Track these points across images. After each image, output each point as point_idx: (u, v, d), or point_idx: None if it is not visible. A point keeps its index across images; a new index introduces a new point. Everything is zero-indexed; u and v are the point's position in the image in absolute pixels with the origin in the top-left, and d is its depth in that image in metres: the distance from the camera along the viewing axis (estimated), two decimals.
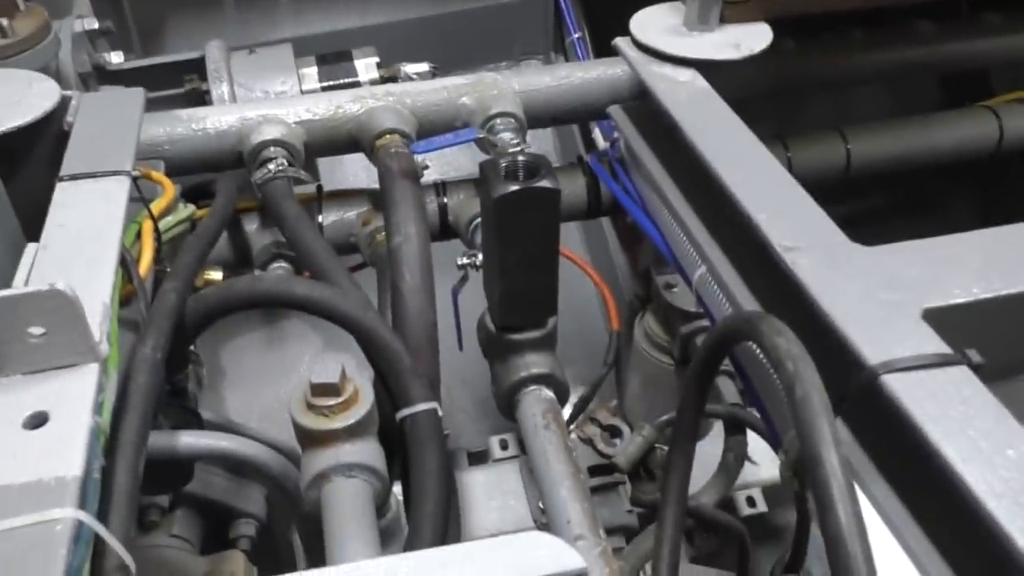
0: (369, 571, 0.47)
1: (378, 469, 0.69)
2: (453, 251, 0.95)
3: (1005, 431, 0.53)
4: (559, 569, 0.48)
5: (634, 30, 0.99)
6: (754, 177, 0.75)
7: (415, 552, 0.48)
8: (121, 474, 0.54)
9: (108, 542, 0.49)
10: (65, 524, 0.47)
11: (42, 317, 0.55)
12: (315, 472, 0.67)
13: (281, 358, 1.52)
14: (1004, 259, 0.65)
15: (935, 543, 0.56)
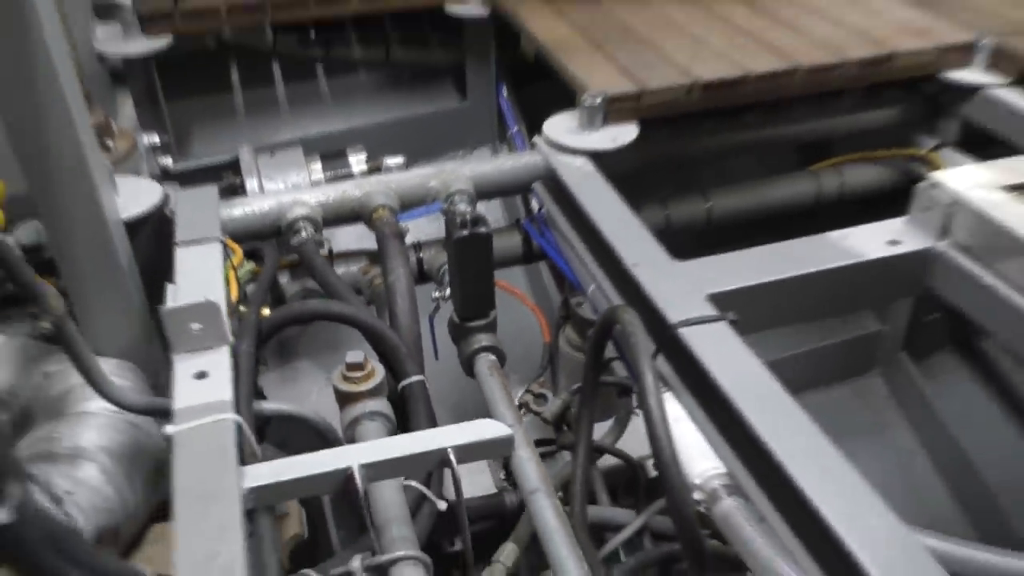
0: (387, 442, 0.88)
1: (389, 416, 1.09)
2: (427, 292, 1.38)
3: (746, 357, 0.96)
4: (496, 434, 0.90)
5: (546, 131, 1.44)
6: (619, 226, 1.19)
7: (410, 434, 0.89)
8: (243, 401, 0.95)
9: (246, 433, 0.90)
10: (229, 421, 0.88)
11: (199, 318, 0.96)
12: (351, 418, 1.07)
13: (295, 393, 1.91)
14: (759, 265, 1.09)
15: (719, 430, 0.97)
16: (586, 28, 1.71)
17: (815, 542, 0.81)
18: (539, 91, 2.01)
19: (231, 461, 0.84)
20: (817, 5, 1.78)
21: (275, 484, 0.84)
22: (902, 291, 1.27)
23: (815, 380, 1.94)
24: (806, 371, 1.94)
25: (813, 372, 1.94)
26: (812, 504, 0.80)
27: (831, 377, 1.98)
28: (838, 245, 1.14)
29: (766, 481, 0.89)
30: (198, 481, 0.82)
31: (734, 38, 1.64)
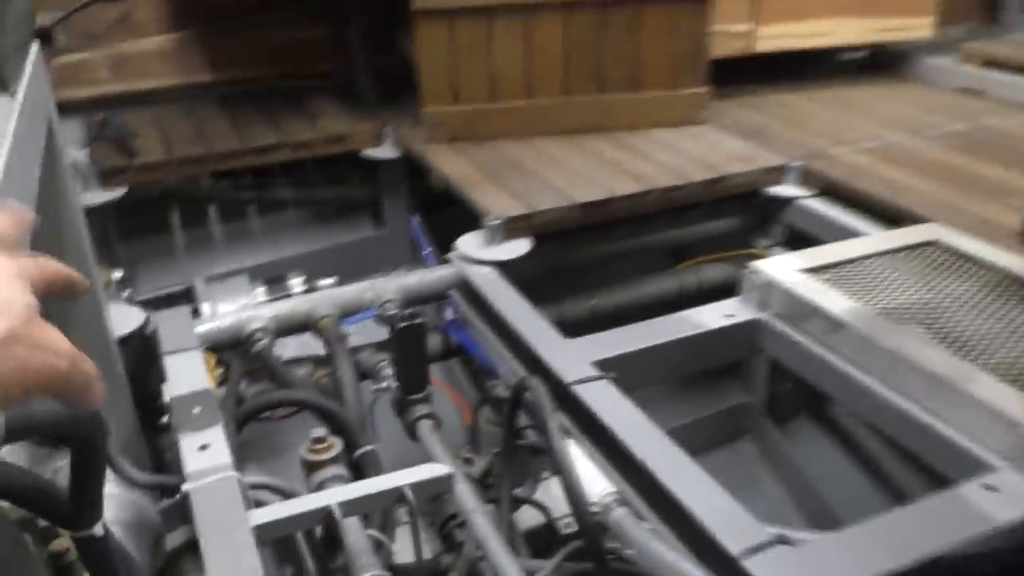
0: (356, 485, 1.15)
1: (349, 478, 1.35)
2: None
3: (625, 404, 1.27)
4: (440, 473, 1.17)
5: (459, 246, 1.78)
6: (522, 317, 1.52)
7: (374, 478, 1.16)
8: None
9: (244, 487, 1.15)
10: (233, 478, 1.13)
11: (199, 403, 1.21)
12: (317, 482, 1.32)
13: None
14: (631, 338, 1.43)
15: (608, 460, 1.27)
16: (484, 164, 2.08)
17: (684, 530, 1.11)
18: (445, 217, 2.37)
19: (239, 505, 1.09)
20: (666, 140, 2.22)
21: (274, 521, 1.09)
22: (741, 352, 1.62)
23: (697, 448, 2.25)
24: (688, 440, 2.24)
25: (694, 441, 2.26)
26: (679, 501, 1.10)
27: (709, 444, 2.31)
28: (689, 320, 1.49)
29: (645, 492, 1.19)
30: (216, 521, 1.06)
31: (602, 168, 2.04)
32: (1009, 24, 3.11)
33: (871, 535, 1.05)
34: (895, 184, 1.93)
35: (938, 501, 1.09)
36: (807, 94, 2.67)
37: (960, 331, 1.33)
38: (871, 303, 1.41)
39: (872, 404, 1.31)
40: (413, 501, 1.15)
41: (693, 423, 2.27)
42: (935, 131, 2.29)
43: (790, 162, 2.06)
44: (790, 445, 2.29)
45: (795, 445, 2.29)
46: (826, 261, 1.54)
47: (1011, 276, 1.48)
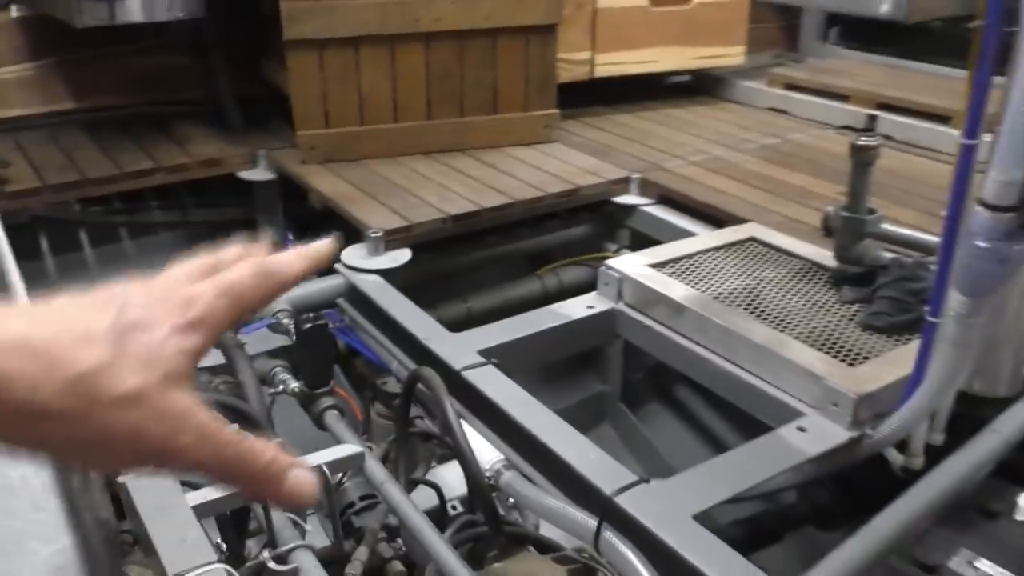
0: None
1: None
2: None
3: (507, 383, 1.48)
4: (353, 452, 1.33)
5: (344, 257, 1.93)
6: (410, 317, 1.70)
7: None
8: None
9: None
10: None
11: None
12: None
13: None
14: (509, 329, 1.64)
15: (497, 433, 1.47)
16: (358, 183, 2.25)
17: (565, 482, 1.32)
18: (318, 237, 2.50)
19: (177, 489, 1.21)
20: (523, 158, 2.46)
21: (209, 501, 1.22)
22: (601, 338, 1.86)
23: None
24: None
25: None
26: (560, 457, 1.31)
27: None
28: (557, 312, 1.72)
29: (530, 456, 1.40)
30: (157, 505, 1.18)
31: (468, 183, 2.25)
32: (806, 51, 3.58)
33: (715, 470, 1.30)
34: (719, 191, 2.25)
35: (764, 441, 1.35)
36: (641, 114, 2.99)
37: (775, 309, 1.63)
38: (705, 290, 1.69)
39: (710, 372, 1.58)
40: (330, 477, 1.31)
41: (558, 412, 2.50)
42: (750, 145, 2.65)
43: (632, 174, 2.34)
44: (644, 427, 2.57)
45: (648, 426, 2.58)
46: (667, 257, 1.81)
47: (814, 263, 1.80)
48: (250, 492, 0.47)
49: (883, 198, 2.02)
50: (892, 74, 3.09)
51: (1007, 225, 1.12)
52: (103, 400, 0.41)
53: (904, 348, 1.48)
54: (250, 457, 0.47)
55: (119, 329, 0.44)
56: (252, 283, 0.49)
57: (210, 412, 0.46)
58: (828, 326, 1.56)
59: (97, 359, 0.42)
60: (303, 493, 0.47)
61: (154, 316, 0.45)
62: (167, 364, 0.44)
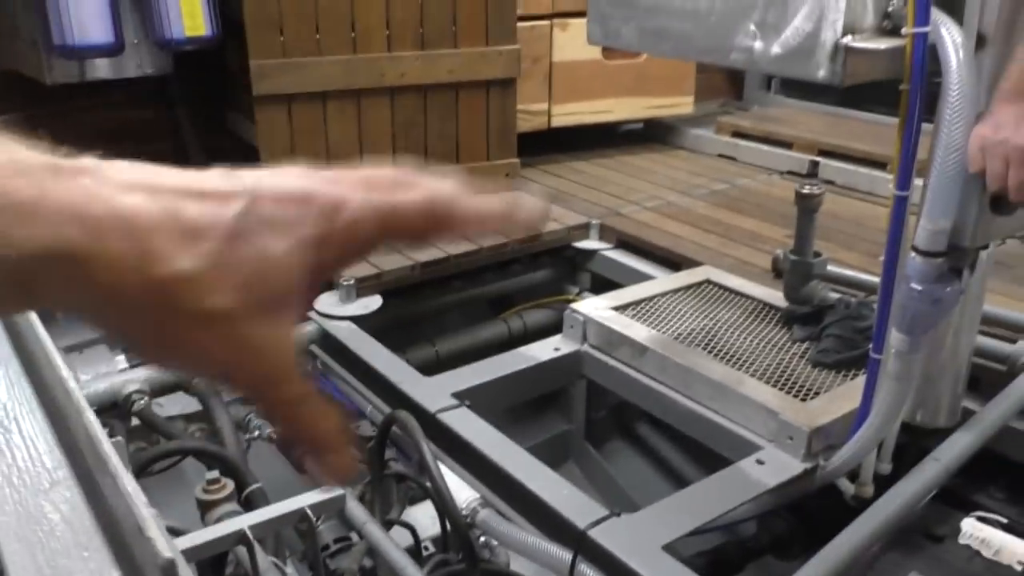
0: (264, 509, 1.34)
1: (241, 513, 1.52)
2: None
3: (480, 424, 1.54)
4: (334, 494, 1.38)
5: (316, 306, 1.99)
6: (384, 362, 1.76)
7: (280, 503, 1.36)
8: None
9: None
10: None
11: None
12: (215, 519, 1.49)
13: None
14: (480, 372, 1.71)
15: (471, 472, 1.53)
16: None
17: (539, 518, 1.39)
18: None
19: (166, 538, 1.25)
20: None
21: (196, 545, 1.26)
22: (570, 379, 1.94)
23: None
24: None
25: None
26: (534, 493, 1.38)
27: None
28: (525, 355, 1.80)
29: (504, 494, 1.46)
30: None
31: None
32: (751, 100, 3.75)
33: (680, 502, 1.38)
34: (674, 235, 2.36)
35: (725, 474, 1.44)
36: (597, 161, 3.11)
37: (731, 348, 1.72)
38: (665, 331, 1.78)
39: (671, 409, 1.66)
40: (313, 520, 1.35)
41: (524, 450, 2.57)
42: (701, 191, 2.78)
43: (591, 220, 2.45)
44: (607, 464, 2.65)
45: (611, 463, 2.65)
46: (628, 300, 1.90)
47: (765, 304, 1.91)
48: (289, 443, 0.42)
49: (828, 240, 2.14)
50: (832, 122, 3.27)
51: (938, 269, 1.23)
52: (184, 309, 0.36)
53: (851, 383, 1.58)
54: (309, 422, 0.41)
55: (236, 229, 0.36)
56: (418, 221, 0.40)
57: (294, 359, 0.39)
58: (781, 363, 1.66)
59: (193, 264, 0.36)
60: (337, 476, 0.42)
61: (284, 219, 0.37)
62: (273, 285, 0.37)
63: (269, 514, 1.33)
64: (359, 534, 1.48)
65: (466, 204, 0.40)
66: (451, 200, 0.40)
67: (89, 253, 0.34)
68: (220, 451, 1.58)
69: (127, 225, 0.35)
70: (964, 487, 1.58)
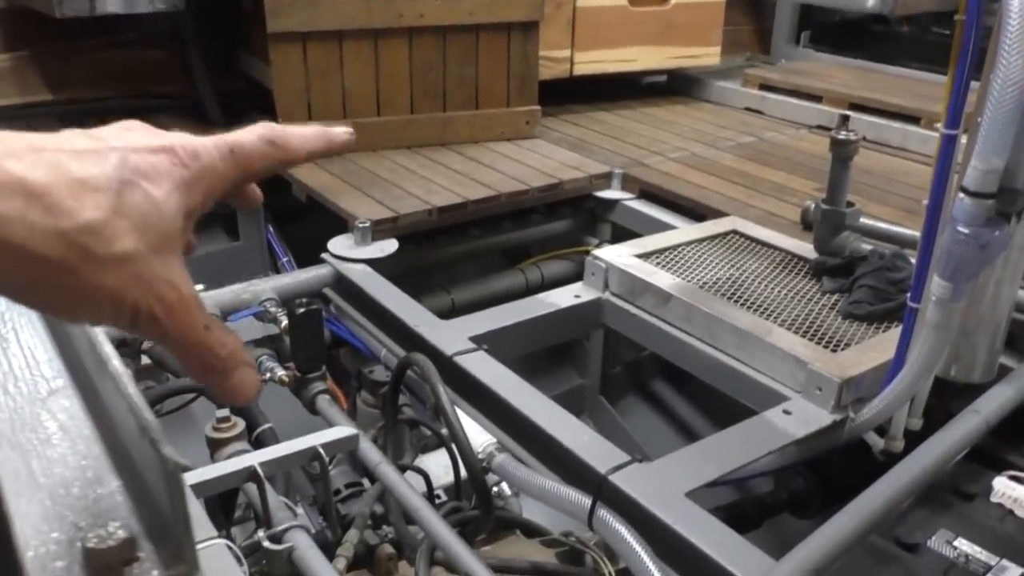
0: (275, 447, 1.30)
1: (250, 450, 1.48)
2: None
3: (498, 367, 1.50)
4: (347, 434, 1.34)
5: (331, 248, 1.94)
6: (400, 304, 1.71)
7: (290, 441, 1.32)
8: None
9: None
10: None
11: None
12: (224, 457, 1.45)
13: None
14: (500, 317, 1.66)
15: (488, 417, 1.49)
16: (343, 176, 2.26)
17: (558, 463, 1.34)
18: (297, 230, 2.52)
19: None
20: (505, 153, 2.48)
21: (205, 480, 1.22)
22: (590, 327, 1.89)
23: None
24: None
25: None
26: (554, 438, 1.34)
27: None
28: (545, 301, 1.75)
29: (522, 438, 1.42)
30: None
31: (452, 177, 2.27)
32: (778, 54, 3.65)
33: (705, 450, 1.33)
34: (699, 186, 2.29)
35: (751, 423, 1.39)
36: (619, 112, 3.03)
37: (758, 298, 1.67)
38: (690, 279, 1.72)
39: (695, 358, 1.61)
40: (325, 459, 1.32)
41: None
42: (727, 143, 2.70)
43: (614, 169, 2.38)
44: (622, 419, 2.61)
45: (626, 419, 2.61)
46: (651, 248, 1.85)
47: (794, 255, 1.85)
48: (200, 377, 0.47)
49: (859, 195, 2.07)
50: (862, 76, 3.17)
51: (987, 212, 1.16)
52: (94, 256, 0.40)
53: (884, 335, 1.53)
54: (216, 344, 0.46)
55: (121, 179, 0.41)
56: (259, 146, 0.48)
57: (193, 288, 0.45)
58: (810, 315, 1.60)
59: (93, 212, 0.40)
60: (247, 391, 0.47)
61: (157, 167, 0.43)
62: (164, 225, 0.43)
63: (280, 451, 1.29)
64: (371, 477, 1.45)
65: (292, 128, 0.50)
66: (280, 127, 0.49)
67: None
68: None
69: (23, 187, 0.38)
70: (996, 446, 1.53)
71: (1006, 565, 1.24)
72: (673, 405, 2.54)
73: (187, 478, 1.20)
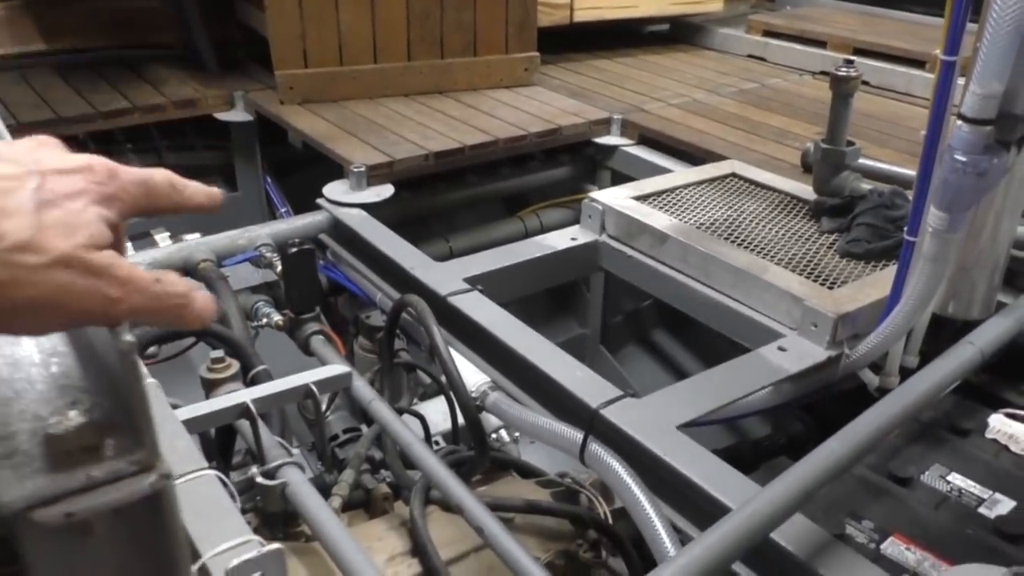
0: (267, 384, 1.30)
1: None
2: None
3: (492, 307, 1.49)
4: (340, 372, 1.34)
5: (326, 193, 1.93)
6: (395, 247, 1.70)
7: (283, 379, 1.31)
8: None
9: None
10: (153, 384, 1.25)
11: None
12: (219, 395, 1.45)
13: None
14: (495, 258, 1.64)
15: (482, 356, 1.49)
16: (338, 122, 2.23)
17: (551, 399, 1.34)
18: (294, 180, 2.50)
19: (165, 404, 1.21)
20: (503, 100, 2.46)
21: (198, 416, 1.22)
22: (586, 270, 1.88)
23: None
24: None
25: None
26: (548, 375, 1.33)
27: None
28: (542, 243, 1.74)
29: (516, 376, 1.42)
30: None
31: (449, 123, 2.25)
32: (783, 1, 3.58)
33: (698, 385, 1.33)
34: (699, 131, 2.26)
35: (746, 358, 1.38)
36: (620, 60, 2.99)
37: (755, 238, 1.65)
38: (687, 221, 1.71)
39: (692, 299, 1.60)
40: (318, 396, 1.32)
41: None
42: (729, 89, 2.67)
43: (613, 115, 2.35)
44: (622, 368, 2.61)
45: (626, 368, 2.61)
46: (649, 191, 1.83)
47: (793, 197, 1.83)
48: (171, 320, 0.50)
49: (860, 138, 2.04)
50: (867, 20, 3.11)
51: (986, 139, 1.14)
52: (29, 268, 0.43)
53: (881, 273, 1.51)
54: (172, 290, 0.49)
55: (41, 201, 0.44)
56: (164, 187, 0.53)
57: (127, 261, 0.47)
58: (807, 254, 1.59)
59: (18, 232, 0.43)
60: (206, 313, 0.51)
61: (74, 185, 0.46)
62: (89, 228, 0.45)
63: (272, 388, 1.29)
64: (365, 416, 1.45)
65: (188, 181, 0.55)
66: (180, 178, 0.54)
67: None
68: (225, 332, 1.54)
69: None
70: (993, 384, 1.52)
71: (999, 498, 1.24)
72: (673, 354, 2.54)
73: (178, 414, 1.21)
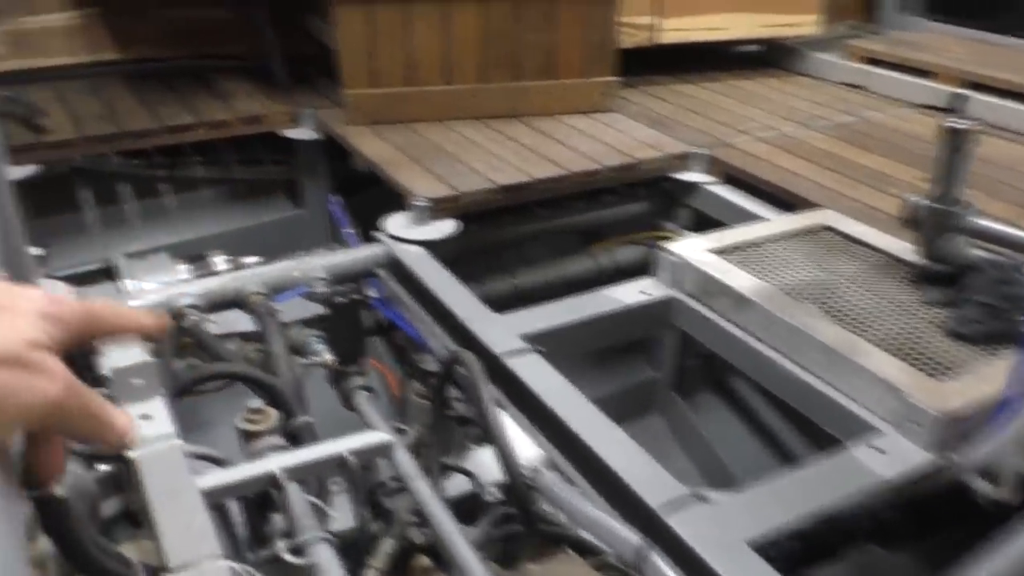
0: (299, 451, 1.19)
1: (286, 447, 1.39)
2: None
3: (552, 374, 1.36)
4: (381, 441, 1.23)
5: (386, 227, 1.82)
6: (452, 293, 1.59)
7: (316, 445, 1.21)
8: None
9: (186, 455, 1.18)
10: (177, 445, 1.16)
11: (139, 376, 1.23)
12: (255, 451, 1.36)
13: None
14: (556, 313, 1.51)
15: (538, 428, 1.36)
16: (404, 147, 2.14)
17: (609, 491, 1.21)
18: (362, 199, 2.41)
19: (185, 471, 1.12)
20: (579, 127, 2.32)
21: (220, 486, 1.13)
22: (656, 328, 1.74)
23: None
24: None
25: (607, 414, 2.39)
26: (604, 462, 1.20)
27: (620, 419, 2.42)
28: (608, 297, 1.60)
29: (573, 457, 1.29)
30: (165, 486, 1.09)
31: (520, 152, 2.12)
32: (886, 23, 3.35)
33: (775, 492, 1.17)
34: (789, 172, 2.09)
35: (831, 461, 1.22)
36: (706, 85, 2.82)
37: (850, 307, 1.48)
38: (772, 281, 1.54)
39: (774, 374, 1.44)
40: (355, 466, 1.21)
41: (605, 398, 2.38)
42: (823, 123, 2.48)
43: (695, 150, 2.19)
44: (696, 417, 2.44)
45: (700, 417, 2.45)
46: (731, 243, 1.67)
47: (893, 257, 1.65)
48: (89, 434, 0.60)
49: (971, 187, 1.83)
50: (981, 49, 2.87)
51: None
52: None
53: (996, 362, 1.33)
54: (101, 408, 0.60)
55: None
56: (110, 317, 0.64)
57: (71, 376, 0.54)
58: (909, 331, 1.41)
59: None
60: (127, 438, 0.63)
61: (18, 304, 0.53)
62: (32, 334, 0.51)
63: (304, 457, 1.19)
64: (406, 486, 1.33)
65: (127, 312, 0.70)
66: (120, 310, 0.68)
67: None
68: (267, 379, 1.45)
69: None
70: None
71: None
72: (754, 407, 2.36)
73: (198, 483, 1.11)
